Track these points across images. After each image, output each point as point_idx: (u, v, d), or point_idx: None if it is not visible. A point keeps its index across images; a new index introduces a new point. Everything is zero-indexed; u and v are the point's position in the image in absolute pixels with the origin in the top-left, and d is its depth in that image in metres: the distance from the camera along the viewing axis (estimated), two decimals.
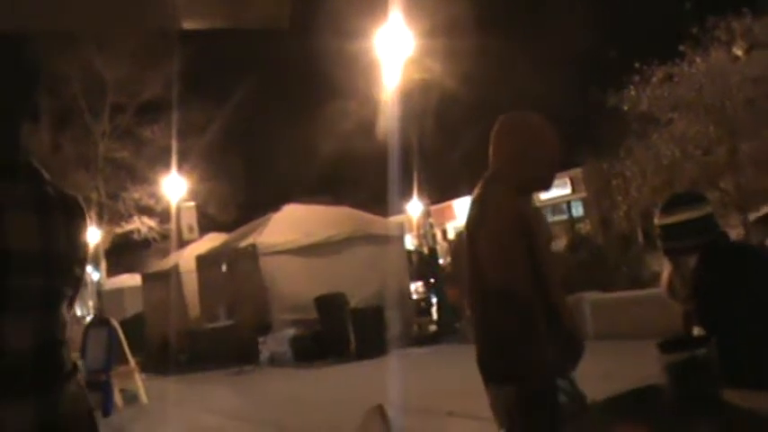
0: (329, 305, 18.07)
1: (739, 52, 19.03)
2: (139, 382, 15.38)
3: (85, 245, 2.55)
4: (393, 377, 13.72)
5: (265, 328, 18.90)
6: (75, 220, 2.46)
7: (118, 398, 14.68)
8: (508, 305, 3.61)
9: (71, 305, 2.59)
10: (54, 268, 2.35)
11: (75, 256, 2.45)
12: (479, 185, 3.88)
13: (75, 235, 2.45)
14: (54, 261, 2.35)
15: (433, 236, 24.73)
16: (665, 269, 4.19)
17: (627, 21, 28.72)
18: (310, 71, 32.44)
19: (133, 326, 22.08)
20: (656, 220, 4.16)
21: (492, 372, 3.75)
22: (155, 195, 37.02)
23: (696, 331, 3.83)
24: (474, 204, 3.86)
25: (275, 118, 38.63)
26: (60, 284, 2.38)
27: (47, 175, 2.41)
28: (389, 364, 16.00)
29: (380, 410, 3.65)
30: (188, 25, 2.86)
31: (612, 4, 29.97)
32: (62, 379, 2.37)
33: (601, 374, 3.79)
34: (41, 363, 2.29)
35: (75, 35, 30.55)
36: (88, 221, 2.57)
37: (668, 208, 4.13)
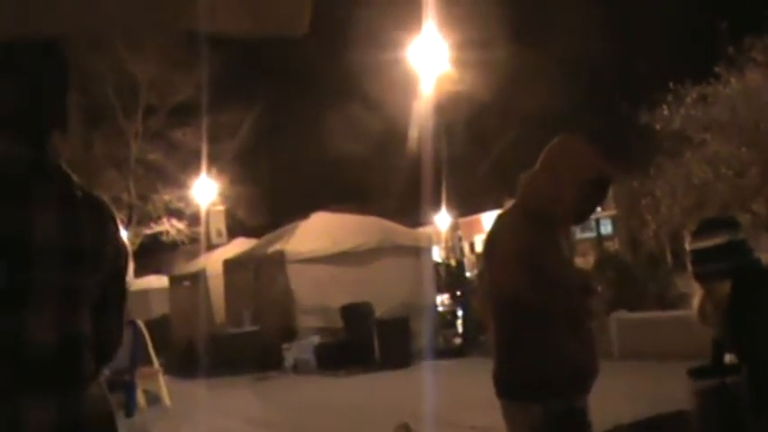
0: (355, 314, 18.08)
1: None
2: (163, 383, 15.42)
3: (120, 247, 2.56)
4: (416, 388, 13.69)
5: (290, 334, 18.92)
6: (102, 220, 2.48)
7: (141, 399, 14.72)
8: (520, 319, 3.63)
9: (120, 310, 2.62)
10: (78, 266, 2.36)
11: (104, 255, 2.45)
12: (508, 204, 3.91)
13: (103, 235, 2.46)
14: (78, 259, 2.36)
15: (461, 249, 24.66)
16: (697, 294, 4.16)
17: (662, 40, 28.57)
18: (343, 79, 32.46)
19: (158, 327, 22.11)
20: (688, 245, 4.13)
21: (508, 387, 3.75)
22: (184, 198, 37.09)
23: (728, 358, 3.80)
24: (495, 222, 3.89)
25: (306, 124, 38.67)
26: (84, 284, 2.39)
27: (76, 178, 2.44)
28: (413, 375, 15.99)
29: (407, 428, 3.65)
30: (206, 29, 2.88)
31: (648, 23, 29.83)
32: (85, 380, 2.37)
33: (626, 394, 3.78)
34: (63, 360, 2.30)
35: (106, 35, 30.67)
36: (118, 223, 2.58)
37: (700, 232, 4.10)
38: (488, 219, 32.16)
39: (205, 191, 35.97)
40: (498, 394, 3.78)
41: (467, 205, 31.13)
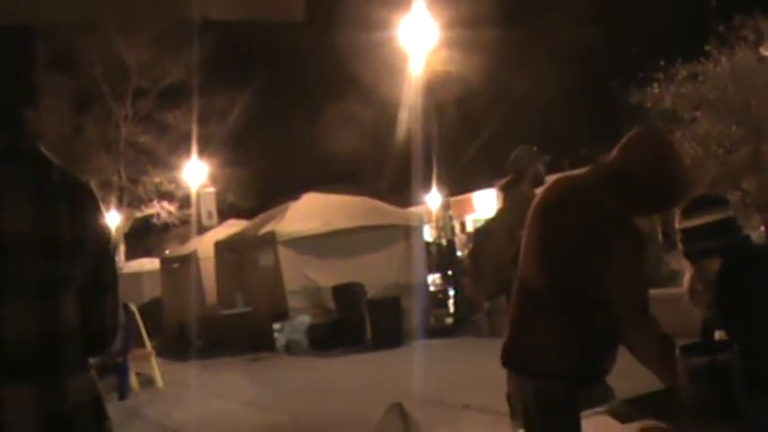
0: (347, 294, 18.11)
1: (766, 53, 18.86)
2: (156, 366, 15.46)
3: (103, 231, 2.48)
4: (408, 368, 13.74)
5: (282, 315, 18.93)
6: (82, 205, 2.39)
7: (134, 381, 14.76)
8: (538, 298, 3.61)
9: (110, 296, 2.54)
10: (55, 254, 2.29)
11: (84, 242, 2.37)
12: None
13: (83, 220, 2.38)
14: (55, 247, 2.29)
15: (452, 228, 24.64)
16: (688, 272, 4.16)
17: (652, 18, 28.52)
18: (333, 60, 32.38)
19: (151, 310, 22.17)
20: (677, 224, 4.13)
21: (508, 359, 3.75)
22: (175, 180, 37.09)
23: (718, 336, 3.80)
24: (560, 188, 3.82)
25: (297, 106, 38.58)
26: (63, 271, 2.32)
27: (55, 161, 2.36)
28: (405, 355, 16.02)
29: (400, 408, 3.65)
30: (204, 15, 2.86)
31: (639, 2, 29.80)
32: (68, 370, 2.32)
33: (616, 371, 3.78)
34: (43, 351, 2.25)
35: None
36: (101, 207, 2.50)
37: (689, 211, 4.08)
38: (480, 198, 32.18)
39: (195, 173, 35.98)
40: (502, 363, 3.78)
41: (458, 184, 31.06)
